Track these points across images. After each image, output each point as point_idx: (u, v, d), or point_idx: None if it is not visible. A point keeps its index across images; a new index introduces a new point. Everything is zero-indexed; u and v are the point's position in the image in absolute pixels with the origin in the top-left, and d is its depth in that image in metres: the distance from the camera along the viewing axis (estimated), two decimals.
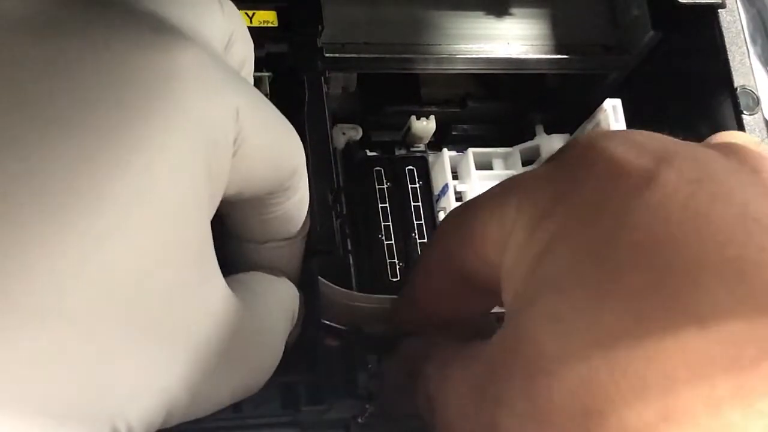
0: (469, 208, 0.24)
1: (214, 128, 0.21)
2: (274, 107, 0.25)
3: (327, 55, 0.37)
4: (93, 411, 0.19)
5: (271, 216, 0.26)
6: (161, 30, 0.21)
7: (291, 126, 0.25)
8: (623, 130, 0.21)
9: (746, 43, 0.39)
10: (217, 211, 0.23)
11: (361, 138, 0.41)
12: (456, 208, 0.26)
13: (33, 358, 0.18)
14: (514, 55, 0.40)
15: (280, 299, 0.27)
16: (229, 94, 0.22)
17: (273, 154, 0.24)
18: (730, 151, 0.20)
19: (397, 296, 0.29)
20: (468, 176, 0.39)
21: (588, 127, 0.39)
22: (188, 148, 0.21)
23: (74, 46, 0.20)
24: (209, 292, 0.23)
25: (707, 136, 0.26)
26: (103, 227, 0.19)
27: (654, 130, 0.25)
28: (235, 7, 0.25)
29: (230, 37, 0.25)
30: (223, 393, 0.23)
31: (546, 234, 0.20)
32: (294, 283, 0.28)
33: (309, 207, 0.28)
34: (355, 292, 0.31)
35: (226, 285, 0.24)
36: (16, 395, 0.17)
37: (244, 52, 0.26)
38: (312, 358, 0.28)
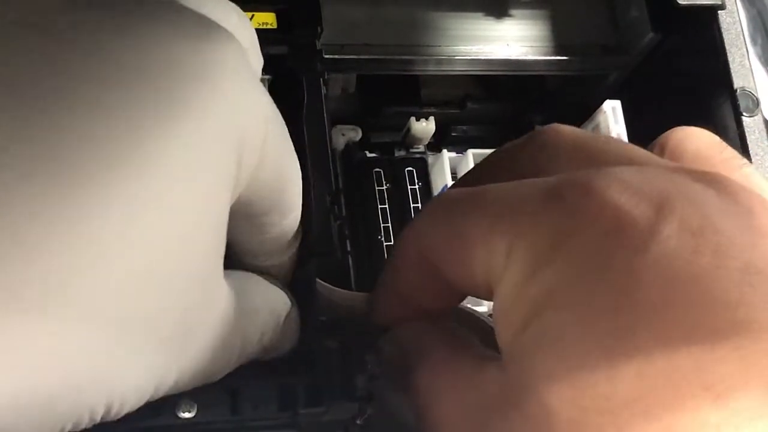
0: (455, 220, 0.23)
1: (248, 121, 0.22)
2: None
3: (326, 56, 0.37)
4: (90, 400, 0.19)
5: (268, 236, 0.26)
6: (203, 21, 0.22)
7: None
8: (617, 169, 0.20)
9: (746, 44, 0.38)
10: None
11: (360, 139, 0.41)
12: (437, 209, 0.24)
13: (39, 352, 0.18)
14: (513, 57, 0.40)
15: (267, 300, 0.27)
16: (261, 93, 0.23)
17: (284, 162, 0.25)
18: (722, 187, 0.20)
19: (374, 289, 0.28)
20: None
21: (588, 128, 0.39)
22: (224, 136, 0.21)
23: (115, 29, 0.20)
24: (217, 285, 0.23)
25: None
26: (116, 221, 0.18)
27: (654, 132, 0.25)
28: (248, 19, 0.25)
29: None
30: (202, 377, 0.24)
31: (544, 285, 0.20)
32: (286, 286, 0.29)
33: (307, 209, 0.28)
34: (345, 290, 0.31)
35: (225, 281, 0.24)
36: (18, 389, 0.18)
37: (255, 63, 0.26)
38: (310, 360, 0.28)
